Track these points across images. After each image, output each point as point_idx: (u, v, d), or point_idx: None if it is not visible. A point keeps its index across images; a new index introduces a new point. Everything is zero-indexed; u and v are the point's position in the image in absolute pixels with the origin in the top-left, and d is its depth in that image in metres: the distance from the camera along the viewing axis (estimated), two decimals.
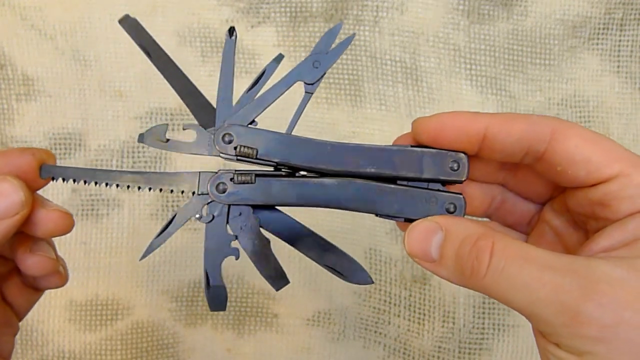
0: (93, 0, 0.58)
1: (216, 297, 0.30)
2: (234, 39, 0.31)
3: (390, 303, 0.56)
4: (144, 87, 0.57)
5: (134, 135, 0.57)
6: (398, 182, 0.30)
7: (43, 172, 0.30)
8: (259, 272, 0.30)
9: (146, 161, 0.56)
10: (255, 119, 0.31)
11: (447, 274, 0.27)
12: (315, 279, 0.56)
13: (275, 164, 0.30)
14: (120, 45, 0.57)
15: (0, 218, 0.28)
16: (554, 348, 0.25)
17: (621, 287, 0.23)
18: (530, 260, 0.24)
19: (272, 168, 0.31)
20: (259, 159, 0.30)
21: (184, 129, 0.31)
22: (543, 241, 0.32)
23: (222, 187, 0.30)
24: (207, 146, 0.31)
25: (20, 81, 0.57)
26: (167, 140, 0.31)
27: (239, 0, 0.59)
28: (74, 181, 0.31)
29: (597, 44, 0.59)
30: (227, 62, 0.31)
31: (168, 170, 0.56)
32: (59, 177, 0.31)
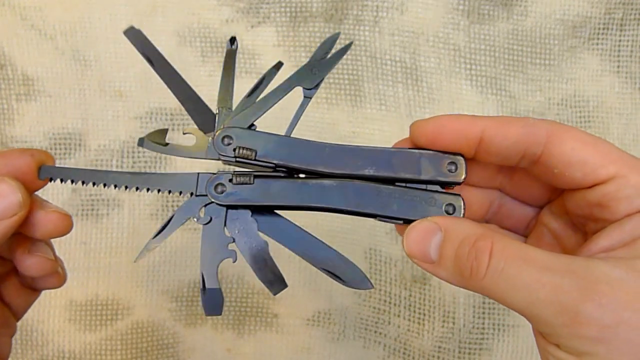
0: (93, 0, 0.58)
1: (212, 300, 0.29)
2: (235, 47, 0.31)
3: (390, 303, 0.56)
4: (144, 87, 0.57)
5: (134, 135, 0.57)
6: (396, 184, 0.30)
7: (41, 173, 0.30)
8: (255, 275, 0.29)
9: (146, 161, 0.56)
10: (255, 123, 0.31)
11: (446, 275, 0.27)
12: (315, 279, 0.56)
13: (274, 165, 0.30)
14: (120, 45, 0.57)
15: None
16: (554, 349, 0.25)
17: (620, 288, 0.23)
18: (529, 261, 0.24)
19: (271, 170, 0.31)
20: (258, 160, 0.30)
21: (184, 133, 0.31)
22: (541, 244, 0.32)
23: (220, 188, 0.30)
24: (207, 150, 0.31)
25: (20, 81, 0.57)
26: (167, 144, 0.31)
27: (239, 0, 0.59)
28: (72, 182, 0.31)
29: (597, 44, 0.59)
30: (227, 69, 0.31)
31: (168, 171, 0.56)
32: (57, 178, 0.30)
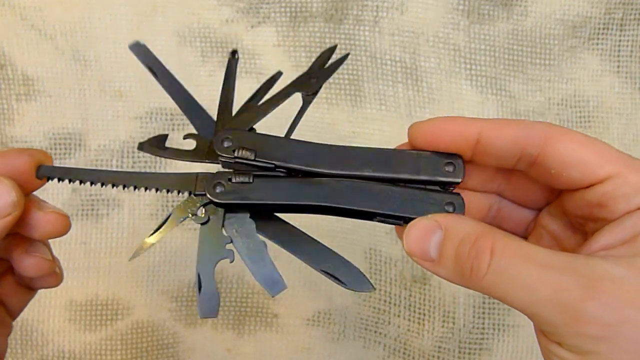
0: (93, 0, 0.58)
1: (208, 302, 0.28)
2: (236, 58, 0.32)
3: (390, 303, 0.56)
4: (144, 87, 0.57)
5: (134, 135, 0.57)
6: (396, 184, 0.30)
7: (39, 172, 0.30)
8: (253, 276, 0.29)
9: (146, 161, 0.56)
10: (254, 127, 0.32)
11: (447, 273, 0.27)
12: (315, 279, 0.56)
13: (273, 165, 0.30)
14: (120, 45, 0.57)
15: None
16: (556, 347, 0.25)
17: (622, 286, 0.23)
18: (531, 259, 0.24)
19: (271, 170, 0.31)
20: (257, 161, 0.30)
21: (184, 138, 0.32)
22: (541, 245, 0.32)
23: (219, 187, 0.30)
24: (207, 153, 0.31)
25: (20, 81, 0.57)
26: (166, 149, 0.31)
27: (239, 0, 0.59)
28: (69, 181, 0.30)
29: (597, 44, 0.59)
30: (228, 79, 0.32)
31: (168, 170, 0.56)
32: (55, 177, 0.30)
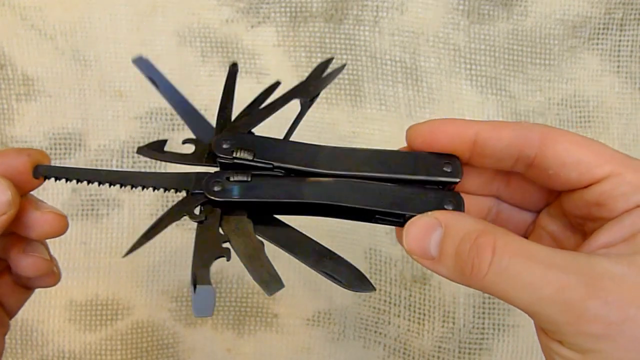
0: (93, 0, 0.58)
1: (202, 300, 0.27)
2: (235, 70, 0.33)
3: (390, 303, 0.55)
4: (144, 87, 0.57)
5: (134, 135, 0.57)
6: (394, 183, 0.30)
7: (36, 172, 0.30)
8: (250, 275, 0.28)
9: (146, 162, 0.56)
10: (252, 131, 0.32)
11: (447, 271, 0.27)
12: (315, 279, 0.56)
13: (272, 165, 0.30)
14: (120, 45, 0.57)
15: None
16: (557, 345, 0.25)
17: (623, 284, 0.23)
18: (533, 257, 0.24)
19: (269, 171, 0.31)
20: (255, 161, 0.30)
21: (183, 143, 0.32)
22: None
23: (217, 186, 0.30)
24: (205, 155, 0.31)
25: (20, 81, 0.57)
26: (165, 153, 0.32)
27: (239, 0, 0.59)
28: (66, 180, 0.30)
29: (597, 44, 0.59)
30: (227, 89, 0.33)
31: (168, 170, 0.56)
32: (52, 176, 0.30)
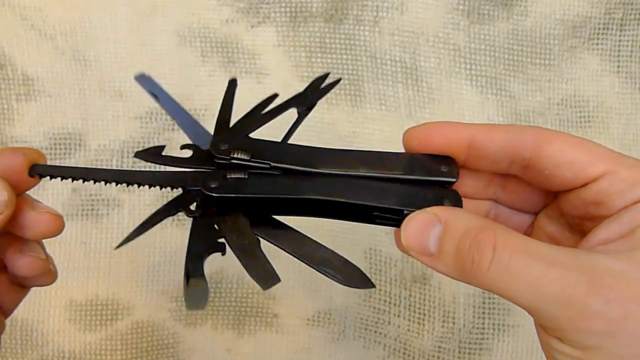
0: (93, 0, 0.58)
1: (195, 294, 0.27)
2: (235, 85, 0.33)
3: (390, 303, 0.55)
4: None
5: (134, 135, 0.57)
6: (392, 182, 0.31)
7: (32, 171, 0.30)
8: (246, 271, 0.27)
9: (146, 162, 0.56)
10: (250, 135, 0.32)
11: (446, 268, 0.26)
12: (315, 279, 0.56)
13: (269, 165, 0.30)
14: (120, 45, 0.57)
15: None
16: (557, 343, 0.25)
17: (623, 280, 0.23)
18: (534, 254, 0.24)
19: (267, 170, 0.31)
20: (252, 161, 0.30)
21: (182, 148, 0.32)
22: None
23: (214, 183, 0.30)
24: (203, 158, 0.31)
25: (20, 81, 0.57)
26: (163, 157, 0.32)
27: (239, 0, 0.59)
28: (61, 179, 0.30)
29: (597, 44, 0.59)
30: (226, 102, 0.33)
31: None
32: (48, 175, 0.30)
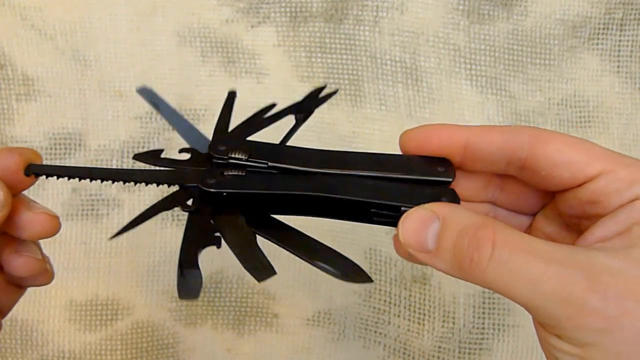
0: (93, 0, 0.58)
1: (188, 282, 0.26)
2: (234, 97, 0.34)
3: (390, 303, 0.55)
4: None
5: (134, 135, 0.57)
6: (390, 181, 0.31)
7: (27, 170, 0.30)
8: (241, 264, 0.27)
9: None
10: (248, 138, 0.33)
11: (444, 265, 0.26)
12: (315, 279, 0.56)
13: (266, 164, 0.31)
14: (120, 45, 0.57)
15: None
16: (556, 340, 0.25)
17: (620, 278, 0.23)
18: (533, 251, 0.24)
19: (264, 169, 0.31)
20: (250, 161, 0.30)
21: (180, 152, 0.32)
22: None
23: (211, 179, 0.30)
24: (201, 162, 0.31)
25: (20, 81, 0.57)
26: (162, 159, 0.32)
27: (239, 0, 0.59)
28: (57, 177, 0.30)
29: (597, 44, 0.59)
30: (224, 111, 0.33)
31: None
32: (43, 174, 0.30)
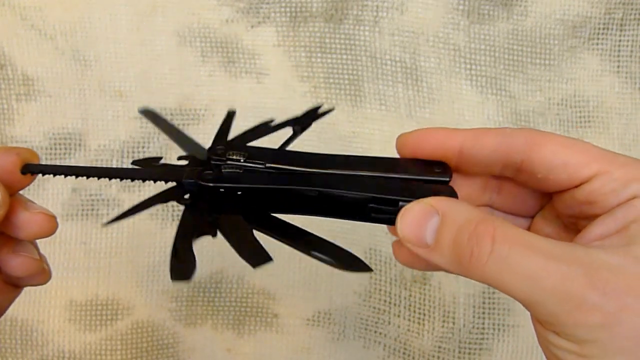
0: (93, 0, 0.58)
1: (181, 265, 0.26)
2: (233, 115, 0.35)
3: (390, 303, 0.55)
4: (144, 87, 0.57)
5: (134, 135, 0.57)
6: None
7: (24, 169, 0.30)
8: (236, 252, 0.27)
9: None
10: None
11: (443, 260, 0.26)
12: (315, 279, 0.56)
13: (264, 164, 0.31)
14: (120, 45, 0.57)
15: None
16: (554, 337, 0.24)
17: (619, 274, 0.23)
18: (533, 247, 0.24)
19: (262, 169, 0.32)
20: (248, 161, 0.31)
21: (178, 159, 0.33)
22: None
23: (209, 176, 0.30)
24: (199, 166, 0.32)
25: (20, 81, 0.57)
26: (161, 165, 0.33)
27: (239, 0, 0.59)
28: (53, 175, 0.30)
29: (597, 44, 0.59)
30: (222, 128, 0.34)
31: None
32: (40, 172, 0.30)
